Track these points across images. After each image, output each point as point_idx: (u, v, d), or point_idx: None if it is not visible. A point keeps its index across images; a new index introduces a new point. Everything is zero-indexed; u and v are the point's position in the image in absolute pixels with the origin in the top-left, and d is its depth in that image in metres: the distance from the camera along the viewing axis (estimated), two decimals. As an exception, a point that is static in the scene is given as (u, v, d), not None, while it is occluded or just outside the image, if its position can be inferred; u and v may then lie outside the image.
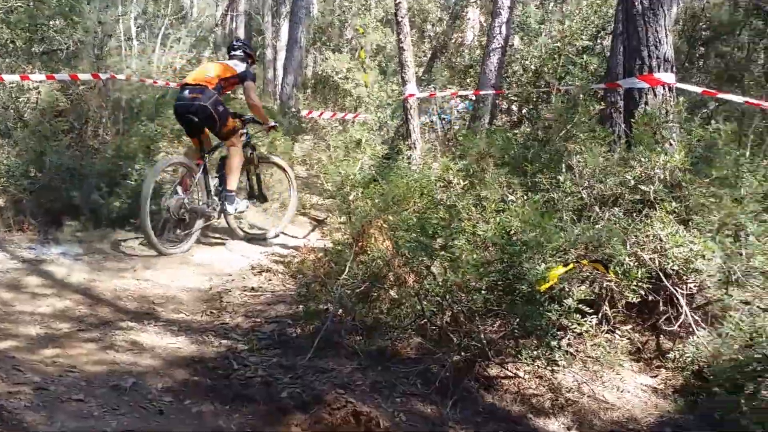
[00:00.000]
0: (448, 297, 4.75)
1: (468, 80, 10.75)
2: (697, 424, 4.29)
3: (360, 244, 5.69)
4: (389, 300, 5.16)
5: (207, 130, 7.75)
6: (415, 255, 4.86)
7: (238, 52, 8.08)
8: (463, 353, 4.63)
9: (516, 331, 4.67)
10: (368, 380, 4.53)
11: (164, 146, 9.85)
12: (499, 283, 4.69)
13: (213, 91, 7.53)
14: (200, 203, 7.88)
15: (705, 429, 4.22)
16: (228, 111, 7.81)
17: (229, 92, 8.75)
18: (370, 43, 14.49)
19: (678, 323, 4.91)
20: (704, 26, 11.52)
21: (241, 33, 25.61)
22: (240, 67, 7.94)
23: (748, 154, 6.85)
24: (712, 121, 6.17)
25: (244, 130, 8.19)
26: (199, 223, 7.92)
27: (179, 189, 7.67)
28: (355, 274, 5.37)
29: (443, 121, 10.10)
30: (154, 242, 7.30)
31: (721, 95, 7.14)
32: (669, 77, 6.15)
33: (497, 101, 9.42)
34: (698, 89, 6.81)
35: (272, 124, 8.33)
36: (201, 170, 7.83)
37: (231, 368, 4.65)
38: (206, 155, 7.94)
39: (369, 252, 5.49)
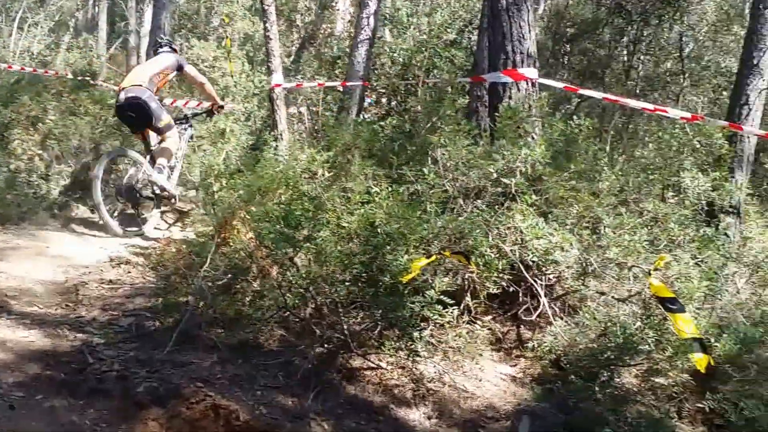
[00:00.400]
0: (311, 289, 4.66)
1: (336, 71, 10.67)
2: (552, 411, 4.39)
3: (223, 235, 5.51)
4: (252, 292, 5.02)
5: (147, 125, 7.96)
6: (278, 246, 4.74)
7: (165, 48, 8.30)
8: (326, 345, 4.56)
9: (379, 322, 4.65)
10: (228, 373, 4.39)
11: (18, 134, 9.25)
12: (363, 274, 4.64)
13: (147, 89, 7.74)
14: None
15: (560, 416, 4.31)
16: (163, 107, 7.97)
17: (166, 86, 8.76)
18: (238, 32, 14.18)
19: (537, 313, 5.01)
20: (568, 23, 11.91)
21: (103, 18, 24.49)
22: (171, 59, 8.13)
23: (608, 149, 7.13)
24: (575, 117, 6.36)
25: (188, 124, 8.38)
26: (156, 211, 8.10)
27: (131, 170, 8.01)
28: (217, 266, 5.19)
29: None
30: (107, 220, 7.43)
31: (582, 91, 7.37)
32: (532, 72, 6.29)
33: (366, 93, 9.40)
34: (560, 85, 6.99)
35: (221, 103, 8.39)
36: (148, 161, 7.96)
37: (86, 362, 4.39)
38: (152, 150, 8.10)
39: (232, 244, 5.33)
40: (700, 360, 4.51)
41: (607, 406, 4.43)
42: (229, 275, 5.09)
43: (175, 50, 8.49)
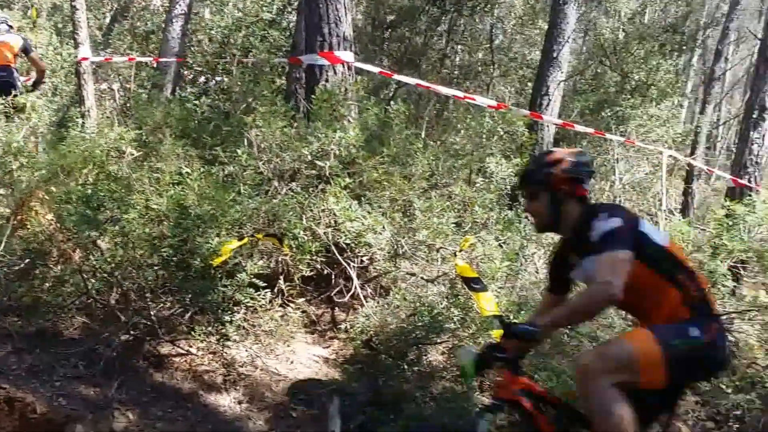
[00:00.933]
0: (117, 274, 4.46)
1: (151, 47, 10.23)
2: (363, 390, 4.47)
3: (20, 217, 5.13)
4: (52, 278, 4.71)
5: None
6: (80, 229, 4.48)
7: (3, 26, 7.78)
8: (132, 332, 4.39)
9: (189, 307, 4.53)
10: (25, 364, 4.15)
11: None
12: (173, 258, 4.50)
13: (14, 68, 7.61)
14: None
15: (369, 394, 4.40)
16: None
17: None
18: (45, 1, 13.25)
19: (350, 295, 5.08)
20: (387, 10, 12.08)
21: None
22: (18, 39, 7.80)
23: (423, 135, 7.33)
24: (392, 102, 6.47)
25: None
26: None
27: None
28: (13, 251, 4.83)
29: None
30: None
31: (396, 77, 7.53)
32: (348, 56, 6.34)
33: (181, 70, 9.09)
34: (376, 69, 7.11)
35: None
36: None
37: None
38: None
39: (30, 226, 4.97)
40: (500, 336, 4.77)
41: (414, 383, 4.60)
42: (27, 260, 4.76)
43: (11, 27, 8.00)
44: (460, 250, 5.05)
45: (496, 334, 4.77)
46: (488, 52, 12.36)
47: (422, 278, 5.36)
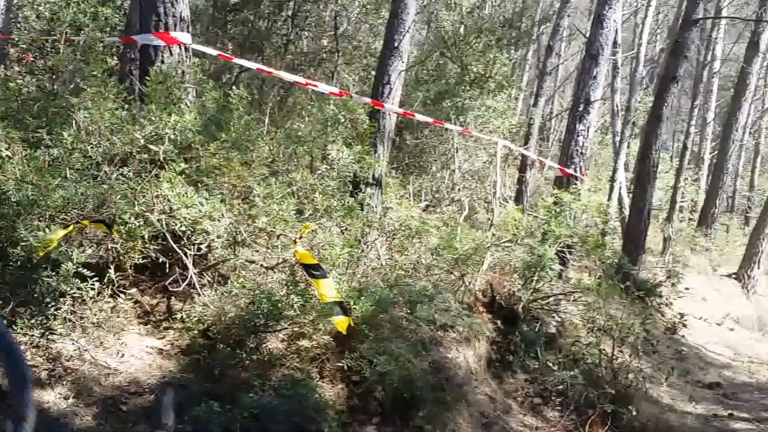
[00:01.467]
0: None
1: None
2: (198, 381, 4.36)
3: None
4: None
5: None
6: None
7: None
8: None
9: (10, 299, 4.23)
10: None
11: None
12: (-10, 248, 4.20)
13: None
14: None
15: (205, 385, 4.30)
16: None
17: None
18: None
19: (185, 284, 4.92)
20: (231, -6, 11.84)
21: None
22: None
23: (266, 120, 7.22)
24: (234, 87, 6.32)
25: None
26: None
27: None
28: None
29: None
30: None
31: (236, 60, 7.35)
32: (185, 37, 6.12)
33: (6, 48, 8.49)
34: (215, 52, 6.91)
35: None
36: None
37: None
38: None
39: None
40: (340, 322, 4.81)
41: (253, 372, 4.53)
42: None
43: None
44: (300, 237, 5.02)
45: (337, 320, 4.81)
46: (333, 40, 12.36)
47: (262, 266, 5.29)
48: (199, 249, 5.05)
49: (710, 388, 8.91)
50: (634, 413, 6.14)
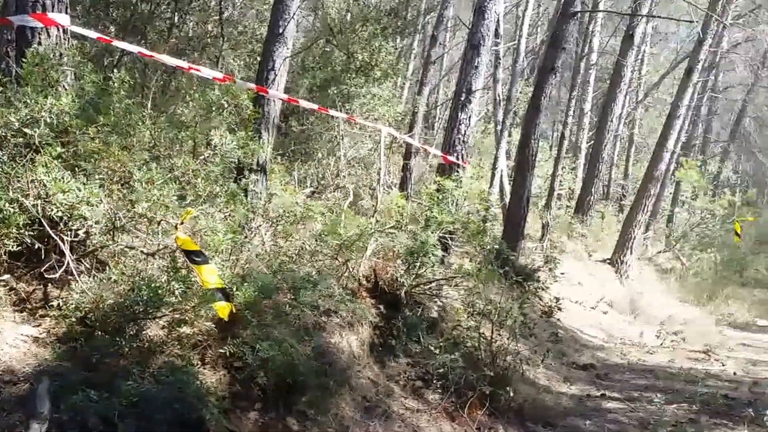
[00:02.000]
0: None
1: None
2: (75, 369, 4.30)
3: None
4: None
5: None
6: None
7: None
8: None
9: None
10: None
11: None
12: None
13: None
14: None
15: (82, 373, 4.25)
16: None
17: None
18: None
19: (62, 270, 4.83)
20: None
21: None
22: None
23: (149, 105, 7.10)
24: (115, 70, 6.18)
25: None
26: None
27: None
28: None
29: None
30: None
31: (116, 43, 7.18)
32: (64, 18, 5.95)
33: None
34: (94, 35, 6.71)
35: None
36: None
37: None
38: None
39: None
40: (222, 308, 4.83)
41: (132, 359, 4.51)
42: None
43: None
44: (182, 223, 5.01)
45: (219, 306, 4.84)
46: (217, 25, 12.22)
47: (142, 252, 5.24)
48: (76, 235, 4.96)
49: (584, 369, 9.42)
50: (512, 394, 6.47)
